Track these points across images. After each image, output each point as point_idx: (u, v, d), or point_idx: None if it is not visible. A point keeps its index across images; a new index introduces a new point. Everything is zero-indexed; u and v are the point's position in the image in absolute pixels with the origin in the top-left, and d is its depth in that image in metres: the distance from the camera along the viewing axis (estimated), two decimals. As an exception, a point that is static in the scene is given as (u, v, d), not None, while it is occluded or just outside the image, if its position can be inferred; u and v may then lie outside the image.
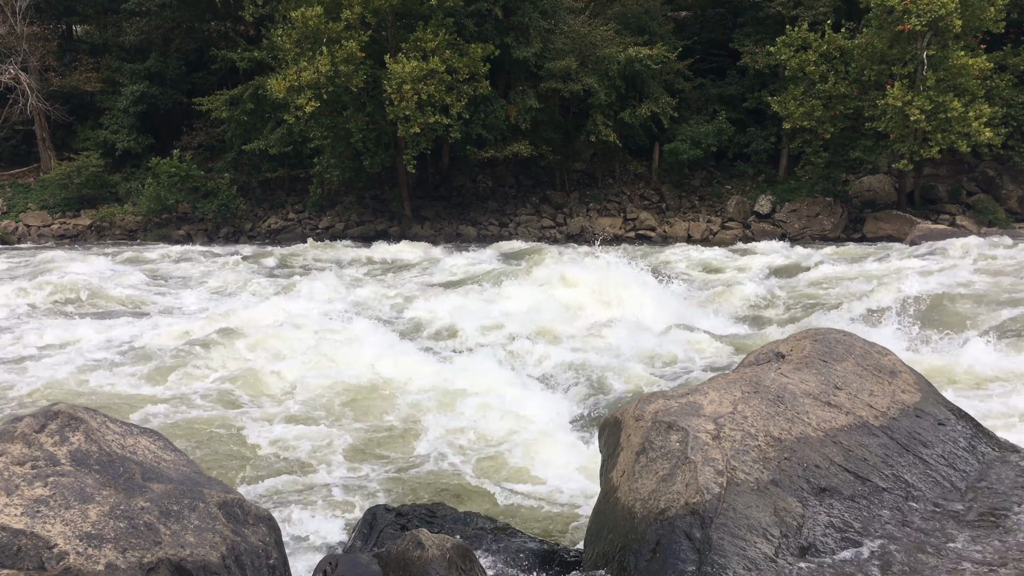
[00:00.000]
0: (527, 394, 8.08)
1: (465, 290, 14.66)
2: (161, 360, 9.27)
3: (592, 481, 5.47)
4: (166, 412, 7.63)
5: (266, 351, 9.58)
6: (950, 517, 3.65)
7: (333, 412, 7.81)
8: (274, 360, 9.24)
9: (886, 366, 4.47)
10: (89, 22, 35.21)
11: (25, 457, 3.25)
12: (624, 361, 9.35)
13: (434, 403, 7.79)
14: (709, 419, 3.88)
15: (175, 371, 8.92)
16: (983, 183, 26.70)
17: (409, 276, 18.18)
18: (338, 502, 5.61)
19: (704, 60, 30.27)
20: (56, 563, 2.87)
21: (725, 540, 3.31)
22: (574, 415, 7.75)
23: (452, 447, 6.80)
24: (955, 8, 21.65)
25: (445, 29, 25.23)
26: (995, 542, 3.44)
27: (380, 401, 8.05)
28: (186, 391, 8.39)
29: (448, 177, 30.15)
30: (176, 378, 8.76)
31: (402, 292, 14.99)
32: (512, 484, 6.00)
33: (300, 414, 7.73)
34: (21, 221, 30.49)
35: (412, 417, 7.51)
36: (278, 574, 3.50)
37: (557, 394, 8.37)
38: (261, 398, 8.23)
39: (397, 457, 6.65)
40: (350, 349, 9.54)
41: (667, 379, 8.85)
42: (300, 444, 6.83)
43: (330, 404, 8.02)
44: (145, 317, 12.50)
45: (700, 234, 27.11)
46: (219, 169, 30.99)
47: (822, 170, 25.98)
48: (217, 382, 8.73)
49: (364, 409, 7.89)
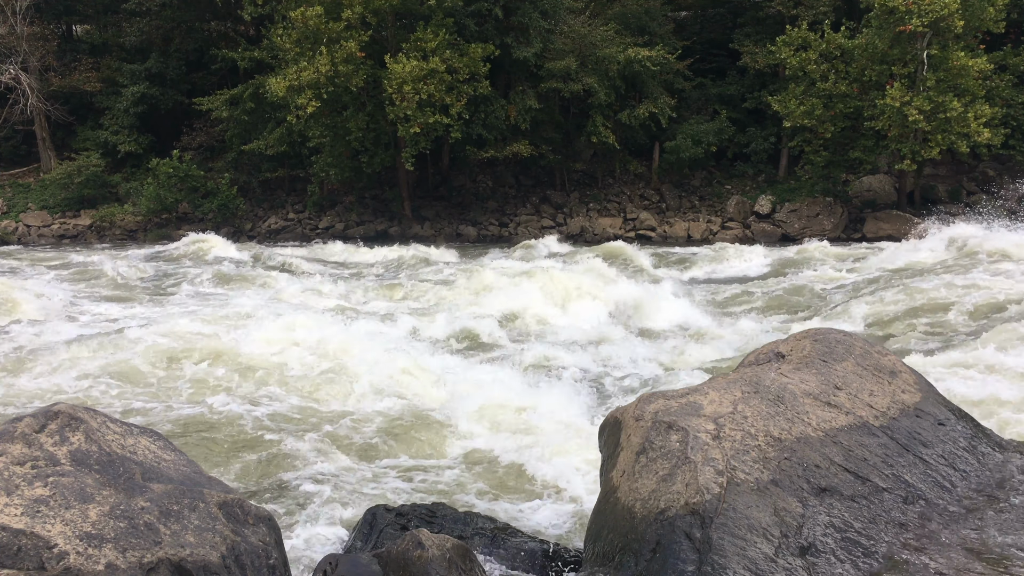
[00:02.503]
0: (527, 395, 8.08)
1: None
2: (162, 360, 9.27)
3: (592, 481, 5.47)
4: (166, 412, 7.63)
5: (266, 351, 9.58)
6: (950, 517, 3.64)
7: (333, 412, 7.81)
8: (274, 360, 9.23)
9: (886, 366, 4.47)
10: (89, 22, 35.19)
11: (25, 457, 3.25)
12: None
13: (434, 403, 7.79)
14: (709, 419, 3.88)
15: (175, 371, 8.92)
16: (983, 183, 26.70)
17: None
18: (338, 502, 5.61)
19: (704, 60, 30.27)
20: (56, 563, 2.87)
21: (725, 540, 3.31)
22: (574, 415, 7.75)
23: (453, 447, 6.80)
24: (956, 8, 21.65)
25: (445, 29, 25.23)
26: (995, 542, 3.44)
27: (381, 400, 8.05)
28: (187, 391, 8.39)
29: (448, 177, 30.15)
30: (177, 378, 8.76)
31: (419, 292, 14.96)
32: (512, 484, 6.00)
33: (300, 414, 7.73)
34: (21, 221, 30.48)
35: (412, 417, 7.51)
36: (278, 574, 3.50)
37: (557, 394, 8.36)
38: (261, 398, 8.22)
39: (397, 457, 6.65)
40: (350, 348, 9.54)
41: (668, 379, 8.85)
42: (300, 444, 6.83)
43: (330, 404, 8.02)
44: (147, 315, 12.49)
45: (700, 234, 27.11)
46: (219, 169, 30.98)
47: (822, 170, 25.97)
48: (217, 382, 8.73)
49: (365, 408, 7.89)
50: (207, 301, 14.06)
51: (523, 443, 6.73)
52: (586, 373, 9.01)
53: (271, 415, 7.67)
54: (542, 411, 7.49)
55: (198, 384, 8.60)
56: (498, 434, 7.00)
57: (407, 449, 6.82)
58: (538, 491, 5.90)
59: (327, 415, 7.72)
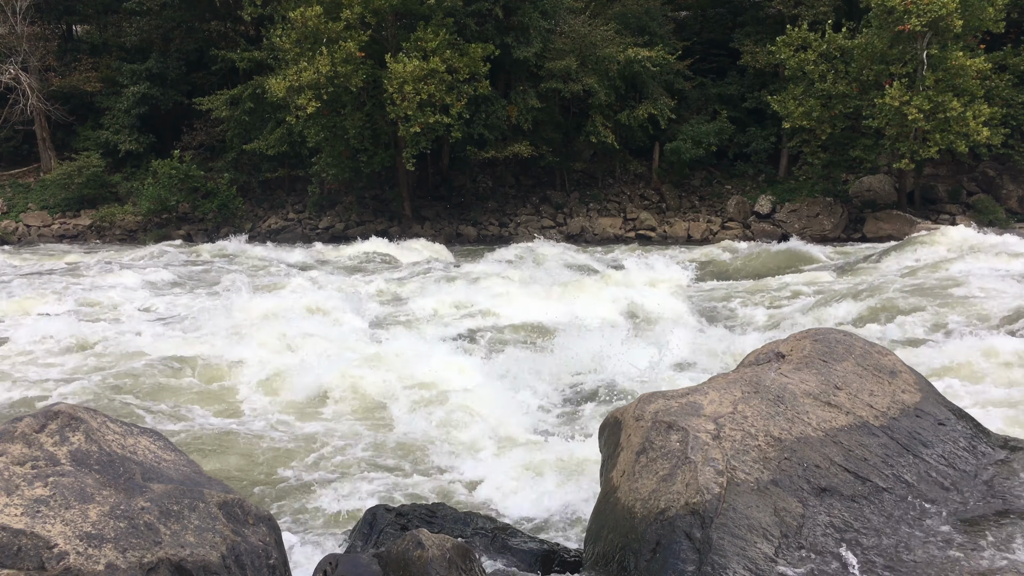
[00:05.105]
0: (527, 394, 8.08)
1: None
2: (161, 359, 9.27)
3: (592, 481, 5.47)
4: (166, 412, 7.63)
5: (266, 351, 9.58)
6: (950, 517, 3.64)
7: (333, 412, 7.81)
8: (274, 360, 9.23)
9: (886, 366, 4.46)
10: (89, 22, 35.18)
11: (25, 457, 3.25)
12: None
13: (434, 402, 7.79)
14: (709, 419, 3.88)
15: (175, 370, 8.92)
16: (983, 183, 26.70)
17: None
18: (338, 502, 5.61)
19: (704, 60, 30.27)
20: (56, 563, 2.87)
21: (725, 540, 3.31)
22: (574, 415, 7.75)
23: (453, 447, 6.80)
24: (955, 8, 21.65)
25: (445, 29, 25.23)
26: (995, 542, 3.44)
27: (381, 401, 8.05)
28: (186, 390, 8.39)
29: (448, 177, 30.16)
30: (177, 377, 8.76)
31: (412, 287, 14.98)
32: (512, 484, 6.00)
33: (301, 414, 7.73)
34: (21, 221, 30.49)
35: (413, 417, 7.51)
36: (278, 574, 3.50)
37: (557, 394, 8.36)
38: (261, 397, 8.23)
39: (398, 457, 6.65)
40: (351, 348, 9.54)
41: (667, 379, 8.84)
42: (300, 444, 6.83)
43: (330, 404, 8.02)
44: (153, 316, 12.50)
45: (700, 234, 27.10)
46: (219, 169, 30.98)
47: (820, 170, 25.98)
48: (217, 381, 8.73)
49: (365, 408, 7.89)
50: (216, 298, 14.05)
51: (524, 443, 6.72)
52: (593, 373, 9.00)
53: (271, 415, 7.67)
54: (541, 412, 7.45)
55: (199, 387, 8.60)
56: (498, 434, 6.99)
57: (408, 448, 6.82)
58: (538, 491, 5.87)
59: (327, 415, 7.72)
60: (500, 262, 19.09)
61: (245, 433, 7.13)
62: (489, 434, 6.96)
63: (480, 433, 6.98)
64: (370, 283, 15.90)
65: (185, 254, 22.13)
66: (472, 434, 6.98)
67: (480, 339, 10.91)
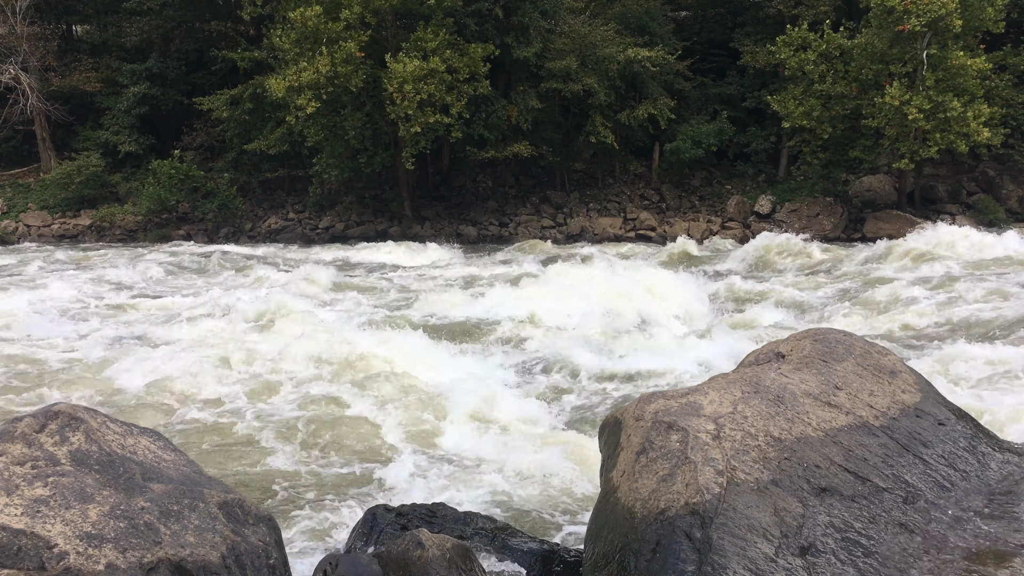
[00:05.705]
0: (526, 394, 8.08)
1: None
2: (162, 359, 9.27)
3: (592, 481, 5.47)
4: (166, 411, 7.63)
5: (265, 350, 9.57)
6: (950, 517, 3.64)
7: (333, 412, 7.80)
8: (274, 359, 9.23)
9: (886, 366, 4.46)
10: (89, 22, 35.15)
11: (25, 457, 3.25)
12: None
13: (434, 402, 7.79)
14: (709, 419, 3.88)
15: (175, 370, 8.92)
16: (983, 183, 26.69)
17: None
18: (338, 502, 5.60)
19: (704, 60, 30.25)
20: (56, 563, 2.87)
21: (725, 540, 3.31)
22: (574, 415, 7.75)
23: (453, 446, 6.80)
24: (955, 8, 21.64)
25: (445, 29, 25.22)
26: (995, 542, 3.44)
27: (381, 401, 8.04)
28: (186, 390, 8.38)
29: (448, 177, 30.15)
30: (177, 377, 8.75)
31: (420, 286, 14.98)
32: (512, 484, 6.00)
33: (300, 413, 7.73)
34: (21, 221, 30.47)
35: (413, 417, 7.50)
36: (278, 574, 3.50)
37: (557, 394, 8.36)
38: (261, 397, 8.22)
39: (398, 457, 6.64)
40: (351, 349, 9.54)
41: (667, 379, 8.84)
42: (300, 443, 6.83)
43: (331, 404, 8.01)
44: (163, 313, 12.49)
45: (700, 234, 27.08)
46: (219, 169, 30.97)
47: (819, 170, 25.97)
48: (216, 381, 8.72)
49: (365, 408, 7.88)
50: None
51: (523, 442, 6.72)
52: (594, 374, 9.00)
53: (271, 414, 7.67)
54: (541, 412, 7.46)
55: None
56: (499, 434, 6.99)
57: (408, 448, 6.82)
58: (538, 491, 5.88)
59: (327, 415, 7.71)
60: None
61: (246, 433, 7.13)
62: (490, 433, 6.97)
63: (480, 432, 6.98)
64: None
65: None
66: (472, 433, 6.98)
67: (479, 334, 10.93)
